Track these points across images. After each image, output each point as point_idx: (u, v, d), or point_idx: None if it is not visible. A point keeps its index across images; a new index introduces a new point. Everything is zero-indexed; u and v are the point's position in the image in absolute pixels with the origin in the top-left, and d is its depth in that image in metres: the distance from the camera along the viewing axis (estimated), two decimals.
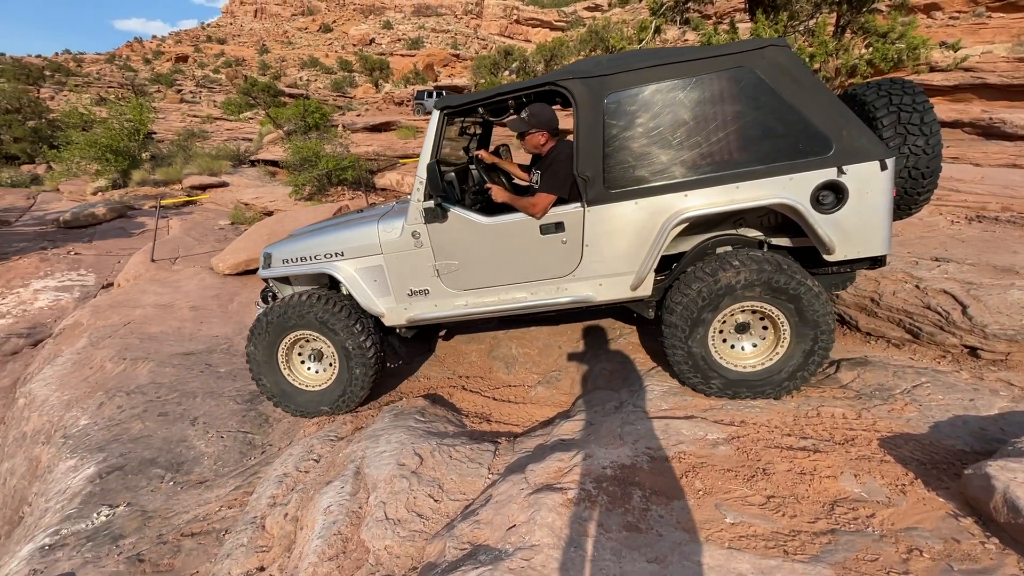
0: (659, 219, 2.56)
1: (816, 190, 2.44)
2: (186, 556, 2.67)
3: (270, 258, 3.36)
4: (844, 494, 1.91)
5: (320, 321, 3.09)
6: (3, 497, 3.82)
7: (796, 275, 2.49)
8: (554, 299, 2.84)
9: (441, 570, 1.63)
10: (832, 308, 2.53)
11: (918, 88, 2.69)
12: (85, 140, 16.54)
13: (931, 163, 2.62)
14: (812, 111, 2.41)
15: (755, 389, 2.65)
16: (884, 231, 2.50)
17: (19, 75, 43.12)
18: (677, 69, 2.47)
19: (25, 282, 8.42)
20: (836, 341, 3.59)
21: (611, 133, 2.55)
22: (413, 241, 2.91)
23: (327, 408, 3.28)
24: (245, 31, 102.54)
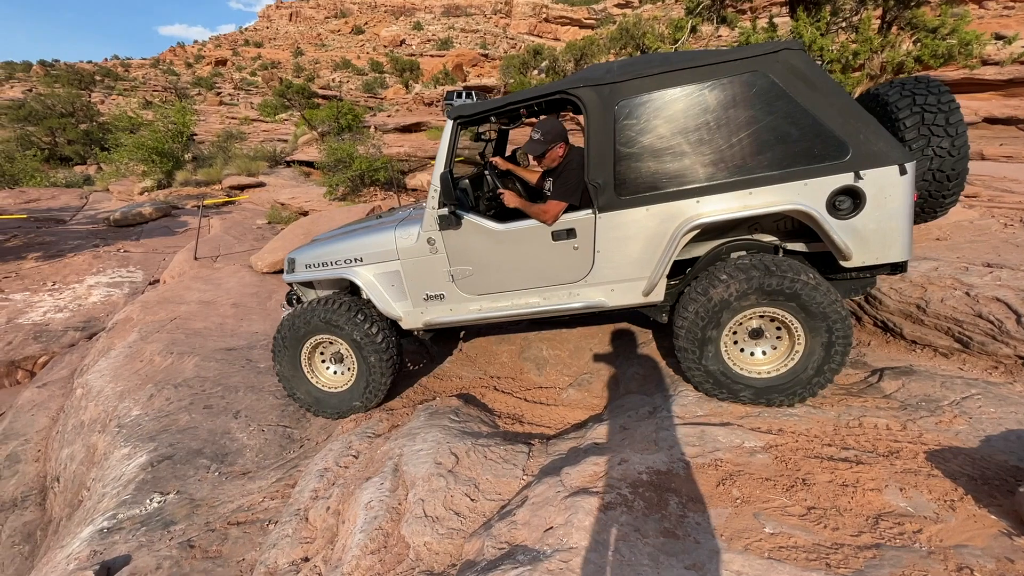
0: (670, 226, 2.55)
1: (832, 195, 2.39)
2: (233, 544, 2.80)
3: (293, 263, 3.47)
4: (889, 508, 1.86)
5: (325, 322, 3.21)
6: (64, 481, 4.07)
7: (787, 274, 2.44)
8: (566, 304, 2.86)
9: (480, 568, 1.67)
10: (836, 296, 2.43)
11: (944, 87, 2.59)
12: (133, 142, 17.36)
13: (957, 165, 2.53)
14: (828, 115, 2.36)
15: (787, 392, 2.60)
16: (904, 237, 2.43)
17: (73, 80, 45.49)
18: (688, 75, 2.44)
19: (80, 278, 8.91)
20: (880, 348, 3.50)
21: (622, 140, 2.54)
22: (428, 247, 2.97)
23: (359, 403, 3.39)
24: (281, 34, 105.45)
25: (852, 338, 2.48)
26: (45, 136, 25.56)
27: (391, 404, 3.52)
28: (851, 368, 3.18)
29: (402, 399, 3.62)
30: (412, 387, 3.82)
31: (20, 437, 4.94)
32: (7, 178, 17.43)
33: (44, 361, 6.55)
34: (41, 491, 4.32)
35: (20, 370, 6.43)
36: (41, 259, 9.81)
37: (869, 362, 3.24)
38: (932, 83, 2.60)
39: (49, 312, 7.64)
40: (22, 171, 18.46)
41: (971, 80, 13.19)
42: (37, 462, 4.65)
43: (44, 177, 19.09)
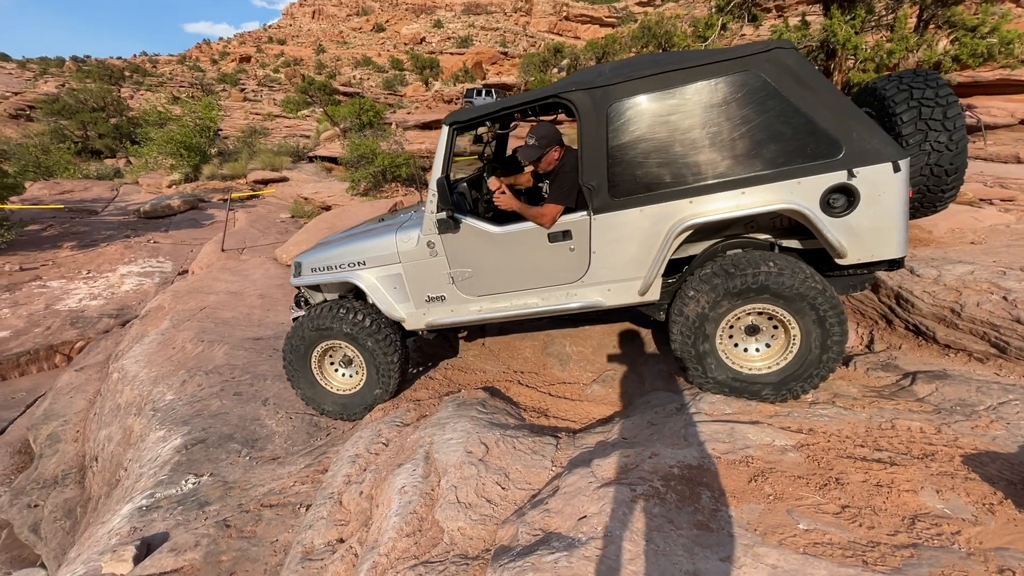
0: (664, 226, 2.56)
1: (826, 194, 2.39)
2: (266, 525, 2.89)
3: (300, 267, 3.54)
4: (925, 509, 1.85)
5: (315, 329, 3.31)
6: (103, 461, 4.23)
7: (747, 270, 2.45)
8: (564, 304, 2.90)
9: (516, 553, 1.71)
10: (806, 273, 2.43)
11: (942, 80, 2.56)
12: (161, 137, 17.80)
13: (955, 160, 2.50)
14: (820, 113, 2.35)
15: (804, 377, 2.59)
16: (899, 233, 2.43)
17: (103, 76, 46.74)
18: (680, 76, 2.44)
19: (112, 267, 9.20)
20: (911, 352, 3.45)
21: (615, 142, 2.55)
22: (428, 250, 3.02)
23: (379, 391, 3.46)
24: (303, 32, 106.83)
25: (840, 307, 2.46)
26: (77, 130, 26.34)
27: (418, 395, 3.58)
28: (882, 371, 3.15)
29: (428, 390, 3.68)
30: (437, 379, 3.88)
31: (60, 418, 5.14)
32: (42, 170, 18.02)
33: (81, 346, 6.80)
34: (80, 470, 4.50)
35: (58, 354, 6.68)
36: (76, 248, 10.14)
37: (901, 365, 3.20)
38: (930, 77, 2.57)
39: (84, 299, 7.90)
40: (56, 163, 19.07)
41: (1008, 81, 12.80)
42: (76, 442, 4.84)
43: (76, 169, 19.69)
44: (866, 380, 3.05)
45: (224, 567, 2.63)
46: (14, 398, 6.02)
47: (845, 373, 3.17)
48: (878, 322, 3.91)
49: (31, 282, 8.43)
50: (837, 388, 2.87)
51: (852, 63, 4.83)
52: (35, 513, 4.13)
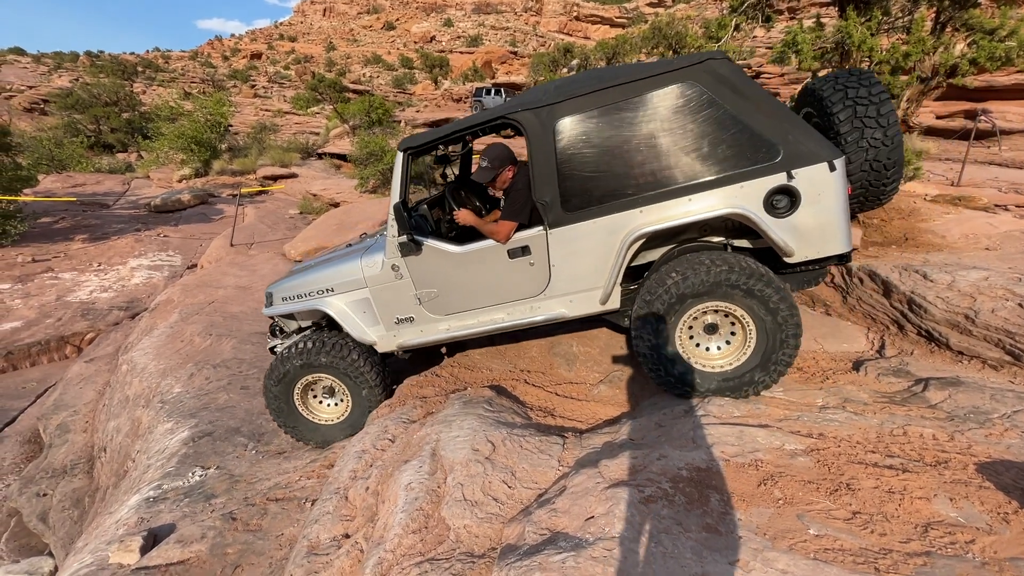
0: (618, 236, 2.64)
1: (768, 196, 2.47)
2: (272, 519, 2.90)
3: (271, 297, 3.56)
4: (938, 517, 1.83)
5: (278, 379, 3.33)
6: (111, 452, 4.26)
7: (667, 282, 2.55)
8: (529, 318, 2.97)
9: (523, 552, 1.70)
10: (753, 268, 2.50)
11: (875, 79, 2.63)
12: (172, 132, 17.94)
13: (892, 154, 2.57)
14: (756, 119, 2.43)
15: (763, 374, 2.64)
16: (841, 230, 2.51)
17: (116, 71, 47.20)
18: (620, 91, 2.52)
19: (123, 260, 9.27)
20: (924, 358, 3.41)
21: (563, 158, 2.62)
22: (393, 273, 3.07)
23: (373, 394, 3.44)
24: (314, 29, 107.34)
25: (791, 301, 2.51)
26: (90, 124, 26.60)
27: (424, 392, 3.58)
28: (894, 376, 3.11)
29: (434, 388, 3.67)
30: (443, 377, 3.88)
31: (69, 408, 5.19)
32: (55, 163, 18.22)
33: (91, 337, 6.86)
34: (89, 460, 4.54)
35: (69, 345, 6.75)
36: (87, 241, 10.24)
37: (913, 371, 3.16)
38: (864, 75, 2.64)
39: (95, 291, 7.98)
40: (69, 157, 19.28)
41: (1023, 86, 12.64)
42: (85, 432, 4.88)
43: (89, 163, 19.89)
44: (877, 385, 3.01)
45: (229, 560, 2.64)
46: (25, 388, 6.09)
47: (856, 378, 3.13)
48: (889, 327, 3.86)
49: (43, 273, 8.52)
50: (848, 393, 2.84)
51: (867, 65, 4.78)
52: (44, 502, 4.17)
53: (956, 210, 5.57)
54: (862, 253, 4.72)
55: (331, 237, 7.61)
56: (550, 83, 2.93)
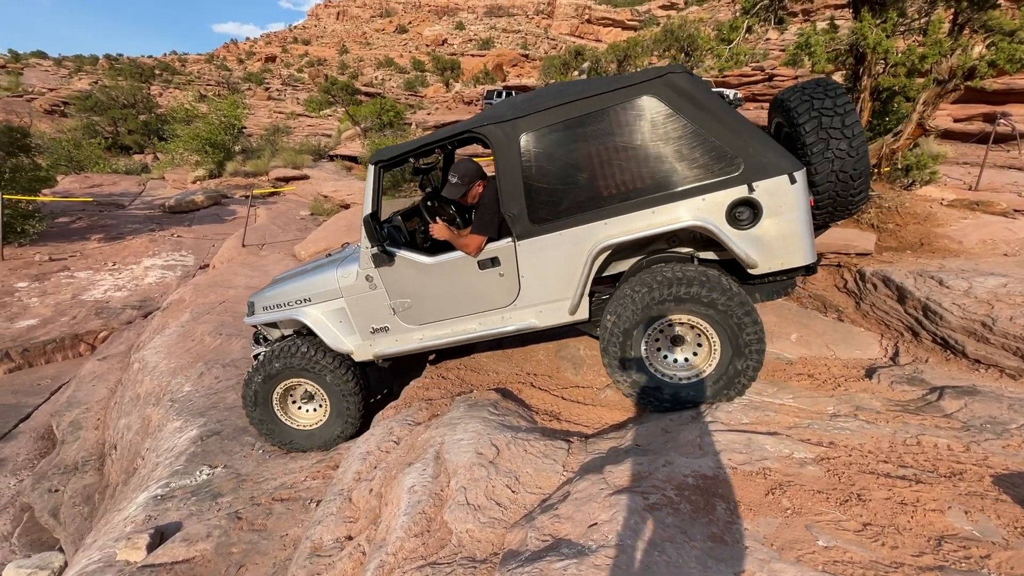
0: (584, 248, 2.67)
1: (730, 208, 2.49)
2: (277, 519, 2.91)
3: (253, 306, 3.60)
4: (952, 530, 1.78)
5: (255, 392, 3.37)
6: (121, 449, 4.31)
7: (662, 283, 2.55)
8: (501, 328, 2.99)
9: (525, 558, 1.68)
10: (715, 280, 2.52)
11: (840, 89, 2.63)
12: (188, 133, 18.20)
13: (858, 165, 2.57)
14: (717, 132, 2.45)
15: (729, 385, 2.65)
16: (804, 241, 2.53)
17: (134, 73, 48.06)
18: (582, 105, 2.55)
19: (137, 259, 9.41)
20: (939, 366, 3.34)
21: (529, 171, 2.66)
22: (367, 284, 3.11)
23: (345, 421, 3.46)
24: (328, 32, 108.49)
25: (754, 312, 2.52)
26: (108, 125, 27.09)
27: (430, 395, 3.57)
28: (907, 385, 3.05)
29: (440, 390, 3.66)
30: (449, 379, 3.87)
31: (82, 405, 5.27)
32: (74, 164, 18.57)
33: (104, 336, 6.96)
34: (100, 457, 4.60)
35: (83, 343, 6.85)
36: (103, 241, 10.41)
37: (927, 379, 3.09)
38: (829, 86, 2.65)
39: (109, 290, 8.10)
40: (87, 158, 19.64)
41: None
42: (97, 429, 4.94)
43: (106, 164, 20.25)
44: (890, 393, 2.95)
45: (234, 559, 2.65)
46: (39, 385, 6.19)
47: (868, 385, 3.07)
48: (903, 334, 3.79)
49: (59, 272, 8.68)
50: (860, 401, 2.79)
51: (882, 68, 4.71)
52: (55, 498, 4.23)
53: (974, 215, 5.46)
54: (876, 258, 4.64)
55: (341, 238, 7.66)
56: (516, 97, 2.99)
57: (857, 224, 5.14)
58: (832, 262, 4.80)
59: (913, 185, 6.05)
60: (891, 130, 5.31)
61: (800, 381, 3.18)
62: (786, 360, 3.49)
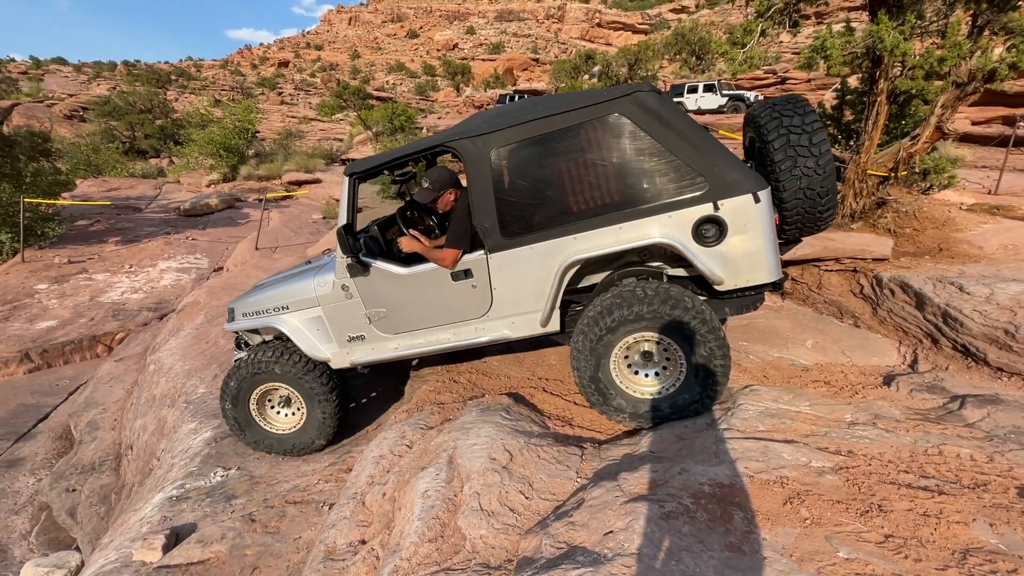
0: (554, 262, 2.71)
1: (696, 225, 2.54)
2: (290, 521, 2.92)
3: (233, 312, 3.62)
4: (978, 544, 1.73)
5: (232, 396, 3.40)
6: (137, 450, 4.37)
7: (629, 302, 2.57)
8: (475, 339, 3.03)
9: (540, 566, 1.67)
10: (678, 297, 2.56)
11: (808, 107, 2.67)
12: (203, 138, 18.47)
13: (824, 183, 2.60)
14: (683, 150, 2.49)
15: (696, 400, 2.68)
16: (769, 259, 2.57)
17: (151, 79, 48.92)
18: (552, 121, 2.59)
19: (153, 262, 9.55)
20: (960, 374, 3.28)
21: (500, 186, 2.71)
22: (343, 293, 3.15)
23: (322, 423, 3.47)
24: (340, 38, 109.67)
25: (717, 328, 2.56)
26: (126, 130, 27.58)
27: (442, 399, 3.57)
28: (928, 393, 2.99)
29: (452, 394, 3.67)
30: (461, 383, 3.87)
31: (99, 406, 5.34)
32: (92, 168, 18.91)
33: (121, 337, 7.06)
34: (116, 457, 4.66)
35: (100, 344, 6.96)
36: (120, 243, 10.58)
37: (948, 387, 3.03)
38: (798, 104, 2.69)
39: (126, 292, 8.23)
40: (105, 162, 20.00)
41: None
42: (113, 430, 5.01)
43: (123, 168, 20.60)
44: (910, 402, 2.90)
45: (248, 561, 2.67)
46: (58, 385, 6.30)
47: (887, 393, 3.02)
48: (922, 340, 3.73)
49: (78, 274, 8.83)
50: (878, 409, 2.74)
51: (899, 70, 4.65)
52: (73, 497, 4.29)
53: (994, 220, 5.35)
54: (893, 264, 4.58)
55: None
56: (490, 111, 3.05)
57: (873, 229, 5.07)
58: (848, 267, 4.74)
59: (931, 189, 5.96)
60: (908, 133, 5.24)
61: (816, 388, 3.13)
62: (801, 366, 3.45)
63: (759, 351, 3.59)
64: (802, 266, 4.91)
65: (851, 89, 6.20)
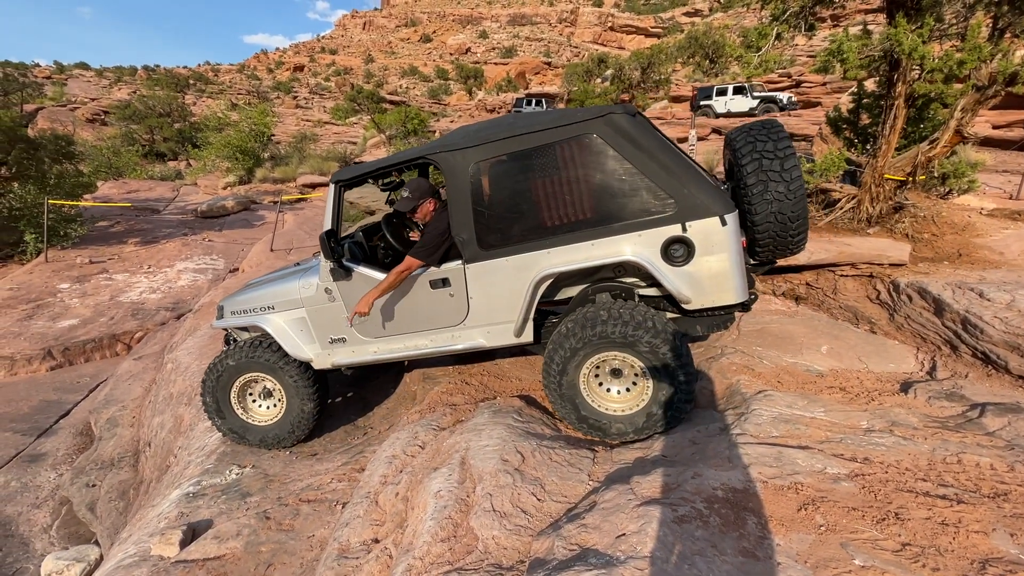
0: (528, 275, 2.77)
1: (665, 245, 2.58)
2: (304, 520, 2.96)
3: (223, 310, 3.69)
4: (998, 553, 1.71)
5: (212, 393, 3.50)
6: (155, 447, 4.45)
7: (596, 323, 2.61)
8: (451, 346, 3.09)
9: (552, 567, 1.68)
10: (641, 319, 2.60)
11: (782, 133, 2.70)
12: (219, 141, 18.77)
13: (795, 208, 2.64)
14: (653, 172, 2.55)
15: (660, 418, 2.70)
16: (735, 281, 2.61)
17: (170, 84, 49.93)
18: (529, 138, 2.65)
19: (171, 263, 9.72)
20: (979, 381, 3.22)
21: (479, 199, 2.77)
22: (326, 296, 3.23)
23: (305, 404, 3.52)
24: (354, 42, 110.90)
25: (678, 348, 2.59)
26: (145, 134, 28.18)
27: (454, 400, 3.60)
28: (946, 400, 2.94)
29: (464, 396, 3.69)
30: (472, 385, 3.89)
31: (118, 403, 5.45)
32: (112, 170, 19.33)
33: (140, 336, 7.20)
34: (135, 454, 4.75)
35: (119, 343, 7.10)
36: (139, 244, 10.79)
37: (968, 395, 2.98)
38: (772, 129, 2.72)
39: (144, 292, 8.39)
40: (125, 164, 20.43)
41: None
42: (132, 427, 5.11)
43: (143, 170, 21.03)
44: (928, 409, 2.85)
45: (263, 558, 2.71)
46: (79, 382, 6.44)
47: (904, 400, 2.98)
48: (940, 347, 3.67)
49: (98, 274, 9.03)
50: (895, 416, 2.71)
51: (918, 74, 4.59)
52: (92, 493, 4.38)
53: (1015, 225, 5.25)
54: (911, 269, 4.51)
55: None
56: (471, 126, 3.12)
57: (891, 234, 5.00)
58: (864, 272, 4.68)
59: (950, 194, 5.86)
60: (926, 137, 5.16)
61: (831, 394, 3.10)
62: (816, 372, 3.41)
63: (773, 356, 3.56)
64: (817, 271, 4.85)
65: (868, 93, 6.13)
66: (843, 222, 5.20)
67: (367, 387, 4.49)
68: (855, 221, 5.15)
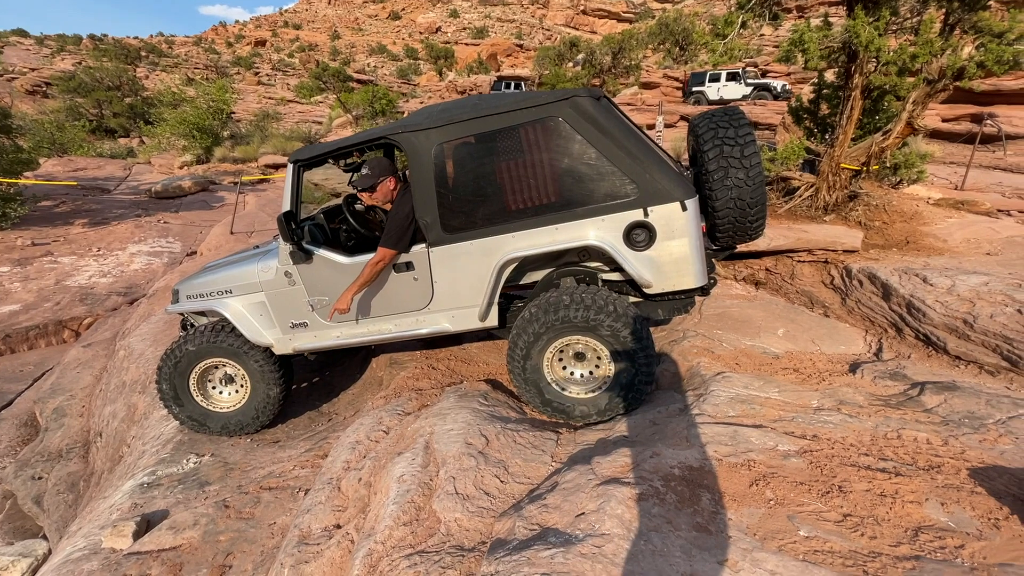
0: (492, 259, 2.76)
1: (628, 229, 2.61)
2: (265, 507, 2.90)
3: (178, 294, 3.59)
4: (929, 521, 1.83)
5: (169, 380, 3.41)
6: (106, 437, 4.27)
7: (558, 308, 2.64)
8: (415, 330, 3.08)
9: (512, 547, 1.70)
10: (602, 303, 2.63)
11: (744, 120, 2.76)
12: (175, 118, 17.84)
13: (754, 194, 2.70)
14: (616, 157, 2.55)
15: (622, 400, 2.75)
16: (695, 266, 2.66)
17: (120, 55, 46.91)
18: (492, 120, 2.62)
19: (122, 245, 9.25)
20: (921, 362, 3.41)
21: (442, 181, 2.74)
22: (287, 280, 3.16)
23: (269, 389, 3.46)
24: (319, 17, 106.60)
25: (639, 332, 2.64)
26: (92, 108, 26.45)
27: (420, 385, 3.58)
28: (890, 380, 3.11)
29: (430, 380, 3.67)
30: (439, 370, 3.88)
31: (66, 393, 5.20)
32: (56, 146, 18.12)
33: (89, 322, 6.85)
34: (84, 445, 4.55)
35: (67, 329, 6.74)
36: (87, 226, 10.21)
37: (909, 375, 3.15)
38: (734, 116, 2.78)
39: (94, 276, 7.96)
40: (70, 141, 19.15)
41: None
42: (81, 417, 4.89)
43: (90, 147, 19.78)
44: (873, 388, 3.01)
45: (222, 547, 2.65)
46: (22, 371, 6.10)
47: (852, 380, 3.13)
48: (887, 330, 3.86)
49: (42, 257, 8.51)
50: (843, 395, 2.84)
51: (874, 66, 4.74)
52: (39, 485, 4.18)
53: (959, 214, 5.55)
54: (863, 255, 4.71)
55: None
56: (433, 106, 3.06)
57: (845, 221, 5.20)
58: (819, 258, 4.86)
59: (901, 184, 6.13)
60: (881, 128, 5.36)
61: (786, 375, 3.23)
62: (773, 354, 3.54)
63: (732, 339, 3.68)
64: (776, 257, 5.01)
65: (827, 83, 6.31)
66: (802, 209, 5.38)
67: (333, 372, 4.42)
68: (813, 208, 5.33)
